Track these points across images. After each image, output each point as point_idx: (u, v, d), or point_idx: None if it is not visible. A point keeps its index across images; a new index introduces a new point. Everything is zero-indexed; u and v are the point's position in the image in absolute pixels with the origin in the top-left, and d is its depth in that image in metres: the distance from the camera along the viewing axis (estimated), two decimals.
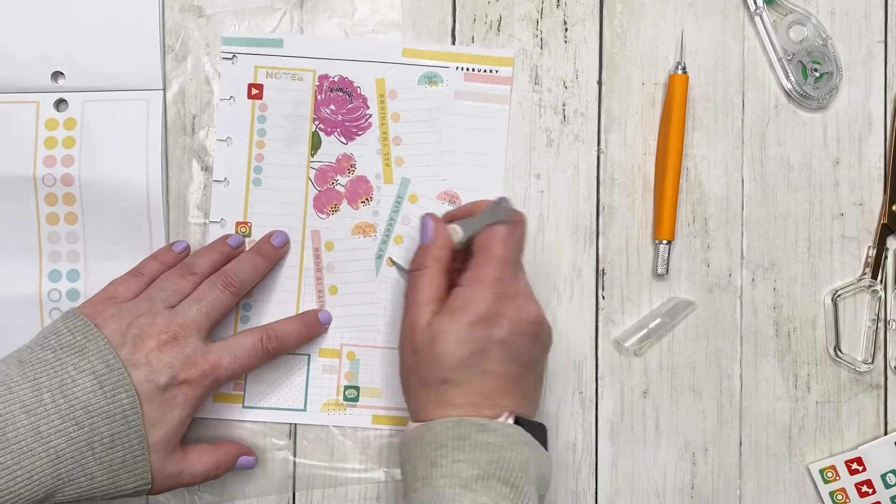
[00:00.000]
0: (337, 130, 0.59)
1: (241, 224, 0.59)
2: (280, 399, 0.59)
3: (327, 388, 0.59)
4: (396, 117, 0.59)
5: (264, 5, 0.59)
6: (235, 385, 0.58)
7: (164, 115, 0.58)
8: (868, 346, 0.60)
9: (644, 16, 0.60)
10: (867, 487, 0.60)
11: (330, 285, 0.59)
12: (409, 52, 0.59)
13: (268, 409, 0.59)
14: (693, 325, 0.60)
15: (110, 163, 0.57)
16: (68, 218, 0.58)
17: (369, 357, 0.59)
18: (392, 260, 0.58)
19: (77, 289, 0.58)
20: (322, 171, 0.59)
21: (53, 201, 0.57)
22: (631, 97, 0.60)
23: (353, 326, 0.59)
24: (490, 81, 0.60)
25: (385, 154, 0.59)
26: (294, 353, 0.59)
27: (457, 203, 0.59)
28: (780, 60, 0.60)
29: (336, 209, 0.59)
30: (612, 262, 0.60)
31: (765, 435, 0.60)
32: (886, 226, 0.60)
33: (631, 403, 0.60)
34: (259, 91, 0.59)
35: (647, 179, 0.60)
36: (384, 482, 0.59)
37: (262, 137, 0.59)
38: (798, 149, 0.61)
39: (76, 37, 0.58)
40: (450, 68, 0.59)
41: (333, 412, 0.59)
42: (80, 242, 0.58)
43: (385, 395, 0.59)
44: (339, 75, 0.59)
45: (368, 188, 0.59)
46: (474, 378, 0.50)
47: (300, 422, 0.59)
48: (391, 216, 0.59)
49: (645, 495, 0.60)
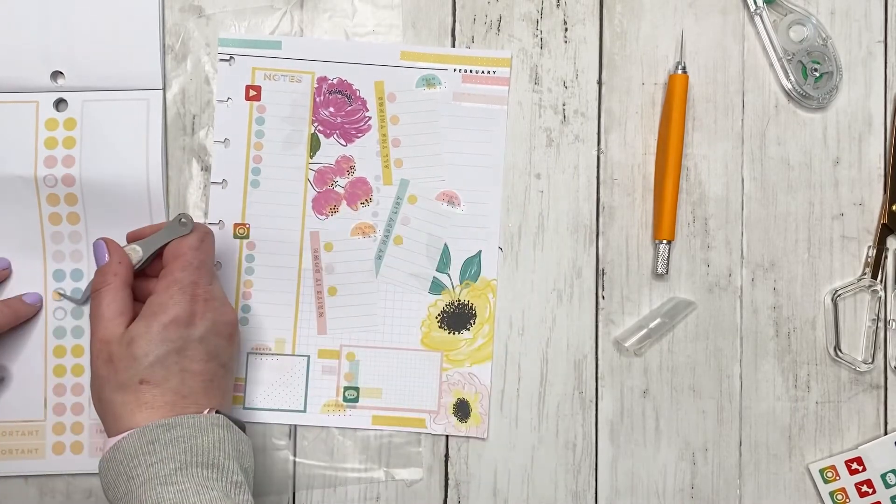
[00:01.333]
0: (336, 132, 0.59)
1: (240, 225, 0.59)
2: (280, 400, 0.59)
3: (327, 388, 0.59)
4: (396, 119, 0.59)
5: (264, 5, 0.59)
6: (236, 387, 0.58)
7: (164, 115, 0.58)
8: (868, 346, 0.60)
9: (644, 16, 0.60)
10: (867, 487, 0.60)
11: (329, 286, 0.59)
12: (407, 55, 0.59)
13: (268, 411, 0.59)
14: (693, 325, 0.60)
15: (111, 163, 0.58)
16: (71, 218, 0.58)
17: (369, 358, 0.59)
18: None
19: (80, 288, 0.58)
20: (321, 172, 0.59)
21: (55, 202, 0.57)
22: (631, 97, 0.60)
23: (352, 327, 0.59)
24: (487, 82, 0.60)
25: (384, 156, 0.59)
26: (294, 355, 0.59)
27: (456, 203, 0.59)
28: (780, 60, 0.60)
29: (335, 210, 0.59)
30: (612, 262, 0.60)
31: (765, 435, 0.60)
32: (886, 226, 0.60)
33: (631, 403, 0.60)
34: (257, 93, 0.59)
35: (647, 179, 0.60)
36: (384, 482, 0.59)
37: (260, 139, 0.59)
38: (798, 149, 0.61)
39: (76, 36, 0.58)
40: (447, 70, 0.59)
41: (333, 413, 0.59)
42: (83, 242, 0.58)
43: (385, 395, 0.59)
44: (337, 78, 0.59)
45: (368, 189, 0.59)
46: (172, 377, 0.50)
47: (300, 423, 0.59)
48: (391, 217, 0.59)
49: (645, 495, 0.60)
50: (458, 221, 0.60)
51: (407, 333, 0.59)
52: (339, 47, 0.59)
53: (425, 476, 0.59)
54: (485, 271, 0.59)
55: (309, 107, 0.59)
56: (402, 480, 0.59)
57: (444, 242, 0.59)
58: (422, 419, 0.59)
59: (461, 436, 0.59)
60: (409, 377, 0.59)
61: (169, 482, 0.46)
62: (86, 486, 0.58)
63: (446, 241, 0.59)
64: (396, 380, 0.59)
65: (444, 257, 0.59)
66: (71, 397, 0.58)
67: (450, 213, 0.60)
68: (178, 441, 0.48)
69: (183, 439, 0.48)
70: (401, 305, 0.59)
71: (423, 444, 0.59)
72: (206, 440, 0.49)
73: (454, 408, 0.59)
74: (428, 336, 0.59)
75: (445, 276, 0.59)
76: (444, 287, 0.59)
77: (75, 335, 0.58)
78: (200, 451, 0.48)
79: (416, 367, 0.59)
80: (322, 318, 0.59)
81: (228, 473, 0.48)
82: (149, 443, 0.48)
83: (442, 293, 0.59)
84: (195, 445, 0.48)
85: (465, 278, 0.60)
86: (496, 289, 0.60)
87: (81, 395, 0.58)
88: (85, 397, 0.58)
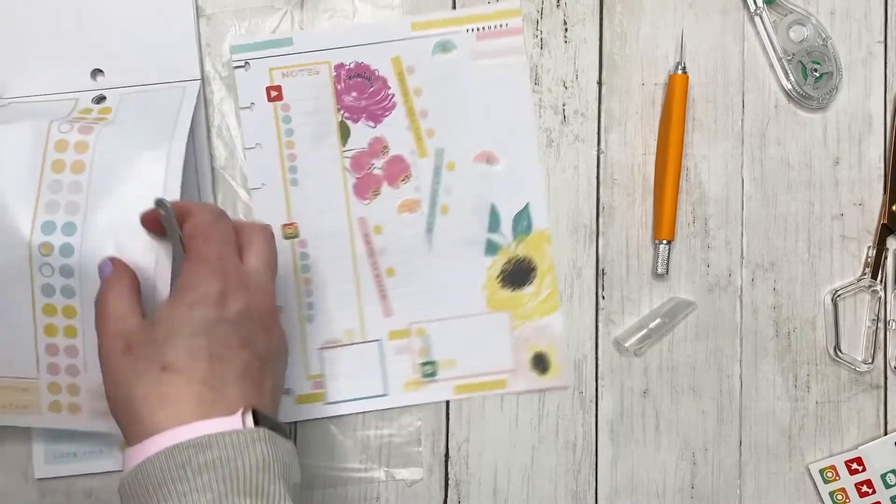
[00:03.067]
0: (363, 116, 0.59)
1: (287, 226, 0.59)
2: (360, 389, 0.59)
3: (404, 368, 0.59)
4: (419, 91, 0.59)
5: (264, 5, 0.59)
6: (315, 384, 0.58)
7: (203, 105, 0.58)
8: (868, 346, 0.60)
9: (644, 16, 0.60)
10: (867, 487, 0.60)
11: (386, 268, 0.59)
12: (417, 25, 0.59)
13: (351, 401, 0.58)
14: (693, 325, 0.60)
15: (133, 137, 0.55)
16: (75, 167, 0.55)
17: (439, 330, 0.59)
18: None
19: (72, 244, 0.54)
20: (356, 158, 0.59)
21: (64, 147, 0.54)
22: (631, 97, 0.60)
23: (417, 304, 0.59)
24: (502, 36, 0.59)
25: (415, 129, 0.59)
26: (365, 342, 0.59)
27: (494, 162, 0.59)
28: (780, 60, 0.60)
29: (377, 193, 0.59)
30: (612, 262, 0.60)
31: (765, 435, 0.60)
32: (886, 226, 0.60)
33: (631, 403, 0.60)
34: (278, 93, 0.59)
35: (647, 179, 0.60)
36: (384, 482, 0.59)
37: (290, 137, 0.59)
38: (798, 149, 0.61)
39: (114, 33, 0.58)
40: (460, 32, 0.59)
41: (415, 391, 0.59)
42: (82, 194, 0.54)
43: (461, 364, 0.59)
44: (354, 62, 0.59)
45: (405, 166, 0.59)
46: (199, 363, 0.44)
47: (385, 407, 0.58)
48: (433, 188, 0.59)
49: (645, 495, 0.60)
50: (500, 179, 0.59)
51: (471, 299, 0.59)
52: (350, 32, 0.59)
53: (425, 476, 0.59)
54: (536, 223, 0.59)
55: (332, 96, 0.59)
56: (402, 480, 0.59)
57: (490, 203, 0.59)
58: (502, 380, 0.59)
59: (544, 388, 0.59)
60: (482, 341, 0.59)
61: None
62: (86, 486, 0.58)
63: (492, 201, 0.59)
64: (470, 347, 0.59)
65: (494, 217, 0.59)
66: (65, 358, 0.55)
67: (490, 173, 0.59)
68: (213, 465, 0.41)
69: (220, 463, 0.41)
70: (460, 273, 0.59)
71: (423, 444, 0.59)
72: (246, 462, 0.42)
73: (532, 363, 0.59)
74: (492, 298, 0.59)
75: (498, 236, 0.59)
76: (498, 246, 0.59)
77: (65, 294, 0.54)
78: (241, 477, 0.41)
79: (486, 331, 0.59)
80: (385, 300, 0.59)
81: (273, 499, 0.41)
82: (179, 466, 0.41)
83: (498, 253, 0.59)
84: (234, 470, 0.41)
85: (518, 233, 0.59)
86: (551, 237, 0.60)
87: (76, 356, 0.55)
88: (80, 360, 0.55)
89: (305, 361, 0.59)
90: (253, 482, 0.41)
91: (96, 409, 0.55)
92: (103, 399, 0.48)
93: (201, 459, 0.41)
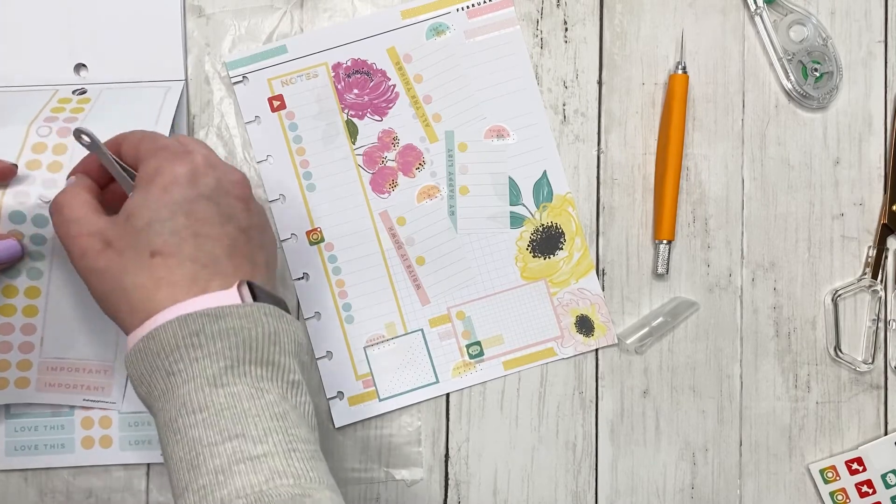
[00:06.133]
0: (368, 111, 0.59)
1: (312, 231, 0.59)
2: (411, 380, 0.59)
3: (451, 353, 0.59)
4: (419, 78, 0.59)
5: (264, 5, 0.59)
6: (365, 383, 0.59)
7: (186, 104, 0.58)
8: (868, 346, 0.60)
9: (644, 16, 0.60)
10: (867, 487, 0.60)
11: (416, 257, 0.59)
12: (407, 13, 0.59)
13: (404, 394, 0.59)
14: (693, 325, 0.60)
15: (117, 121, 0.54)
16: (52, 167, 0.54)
17: (478, 310, 0.59)
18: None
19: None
20: (368, 153, 0.59)
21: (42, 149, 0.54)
22: (631, 97, 0.60)
23: (452, 288, 0.59)
24: (493, 10, 0.60)
25: (421, 116, 0.59)
26: (407, 333, 0.59)
27: (505, 135, 0.59)
28: (780, 60, 0.60)
29: (395, 184, 0.59)
30: (613, 262, 0.60)
31: (765, 435, 0.60)
32: (886, 226, 0.60)
33: (631, 403, 0.60)
34: (281, 102, 0.59)
35: (647, 179, 0.60)
36: (384, 482, 0.59)
37: (299, 145, 0.59)
38: (798, 149, 0.61)
39: (99, 29, 0.58)
40: (451, 12, 0.59)
41: (465, 373, 0.59)
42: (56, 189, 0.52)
43: (507, 339, 0.59)
44: (350, 59, 0.59)
45: (418, 154, 0.59)
46: (186, 243, 0.44)
47: (438, 394, 0.59)
48: (449, 171, 0.59)
49: (645, 495, 0.60)
50: (514, 151, 0.60)
51: (505, 274, 0.59)
52: (342, 30, 0.59)
53: (425, 476, 0.59)
54: (556, 188, 0.60)
55: (334, 97, 0.59)
56: (402, 480, 0.59)
57: (507, 176, 0.59)
58: (550, 349, 0.59)
59: (591, 350, 0.59)
60: (523, 314, 0.59)
61: (219, 383, 0.41)
62: (86, 485, 0.58)
63: (509, 174, 0.59)
64: (512, 321, 0.59)
65: (514, 189, 0.59)
66: (20, 336, 0.54)
67: (503, 147, 0.60)
68: (227, 334, 0.41)
69: (234, 331, 0.42)
70: (490, 250, 0.59)
71: (423, 444, 0.59)
72: (259, 332, 0.42)
73: (576, 326, 0.59)
74: (526, 269, 0.59)
75: (521, 207, 0.59)
76: (523, 218, 0.59)
77: (31, 277, 0.54)
78: (254, 347, 0.42)
79: (525, 303, 0.59)
80: (420, 289, 0.59)
81: (285, 372, 0.42)
82: (192, 334, 0.41)
83: (524, 224, 0.59)
84: (247, 339, 0.42)
85: (541, 202, 0.60)
86: (574, 201, 0.60)
87: (33, 334, 0.54)
88: (36, 336, 0.54)
89: (352, 362, 0.59)
90: (265, 353, 0.42)
91: (47, 381, 0.55)
92: (56, 372, 0.47)
93: (215, 328, 0.42)
